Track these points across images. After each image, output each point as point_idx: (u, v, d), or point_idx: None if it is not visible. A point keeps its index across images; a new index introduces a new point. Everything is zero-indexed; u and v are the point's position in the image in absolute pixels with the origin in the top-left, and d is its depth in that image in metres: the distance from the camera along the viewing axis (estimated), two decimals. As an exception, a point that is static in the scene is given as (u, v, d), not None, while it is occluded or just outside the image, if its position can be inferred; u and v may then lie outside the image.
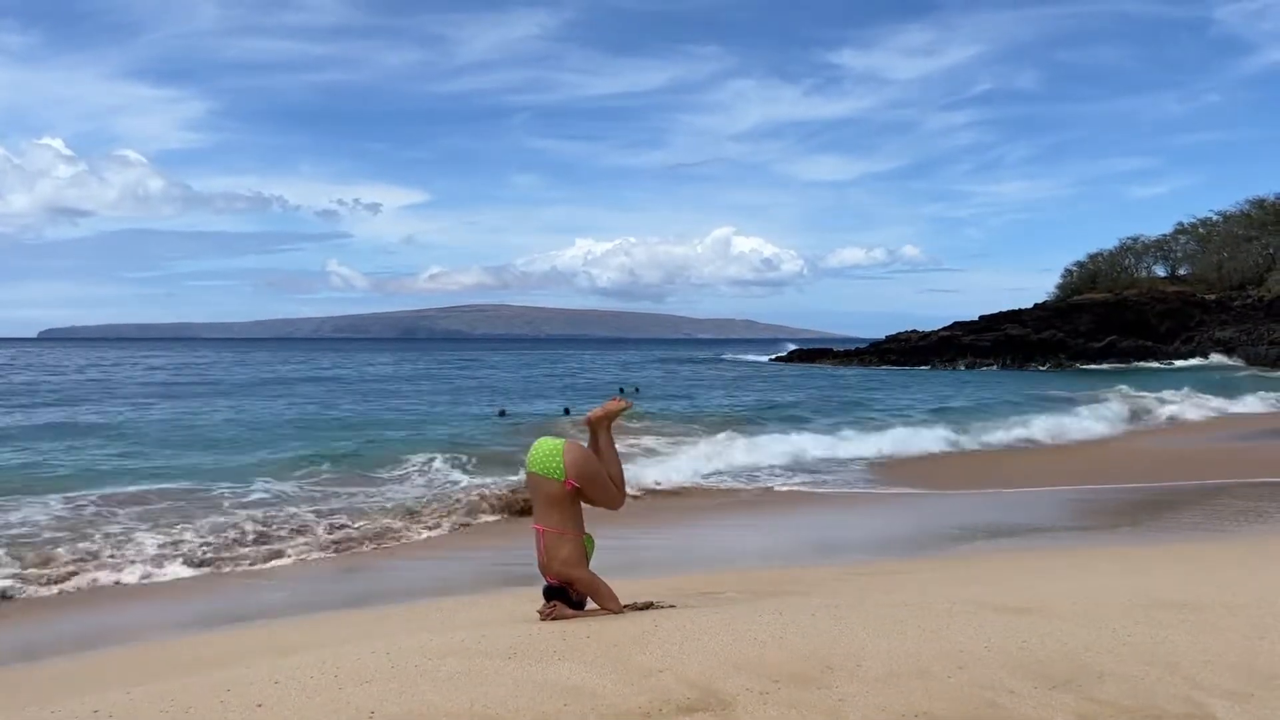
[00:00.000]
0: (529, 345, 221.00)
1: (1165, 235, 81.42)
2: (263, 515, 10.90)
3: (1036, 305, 74.72)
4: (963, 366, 66.42)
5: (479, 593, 7.54)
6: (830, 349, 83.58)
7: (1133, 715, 3.33)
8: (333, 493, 12.87)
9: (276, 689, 3.64)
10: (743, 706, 3.34)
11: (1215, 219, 78.26)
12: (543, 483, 5.08)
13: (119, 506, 11.31)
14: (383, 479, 14.25)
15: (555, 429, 17.52)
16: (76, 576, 8.65)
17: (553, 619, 4.93)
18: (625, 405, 5.43)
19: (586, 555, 5.12)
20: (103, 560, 9.07)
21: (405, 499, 12.49)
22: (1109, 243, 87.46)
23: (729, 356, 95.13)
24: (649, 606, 5.18)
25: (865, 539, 10.70)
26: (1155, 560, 7.56)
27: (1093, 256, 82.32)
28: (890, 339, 75.91)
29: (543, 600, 5.09)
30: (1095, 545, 9.19)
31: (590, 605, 5.09)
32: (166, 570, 9.08)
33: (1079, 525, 11.08)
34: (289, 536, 10.32)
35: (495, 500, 12.24)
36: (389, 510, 11.68)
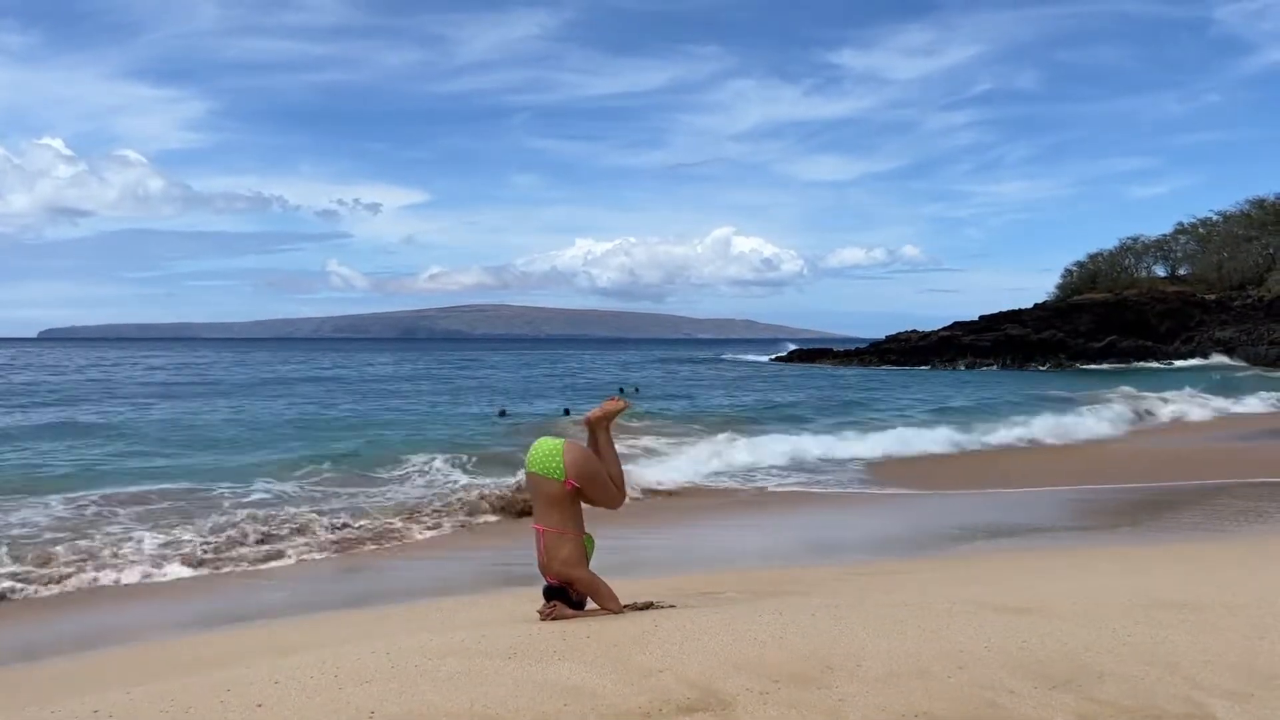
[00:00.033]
0: (529, 345, 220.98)
1: (1165, 235, 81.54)
2: (263, 515, 10.89)
3: (1036, 305, 74.76)
4: (963, 366, 66.45)
5: (479, 593, 7.54)
6: (830, 349, 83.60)
7: (1133, 715, 3.33)
8: (333, 493, 12.88)
9: (276, 689, 3.64)
10: (743, 706, 3.34)
11: (1215, 219, 78.35)
12: (543, 483, 5.08)
13: (119, 506, 11.31)
14: (383, 479, 14.25)
15: (555, 429, 17.52)
16: (76, 576, 8.65)
17: (553, 619, 4.94)
18: (623, 405, 5.45)
19: (586, 555, 5.13)
20: (103, 560, 9.07)
21: (405, 499, 12.50)
22: (1109, 243, 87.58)
23: (729, 356, 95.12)
24: (649, 606, 5.18)
25: (865, 539, 10.70)
26: (1155, 560, 7.56)
27: (1093, 256, 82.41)
28: (890, 339, 75.94)
29: (543, 600, 5.10)
30: (1095, 545, 9.19)
31: (590, 605, 5.09)
32: (166, 570, 9.08)
33: (1079, 525, 11.08)
34: (289, 536, 10.33)
35: (495, 500, 12.24)
36: (389, 510, 11.69)
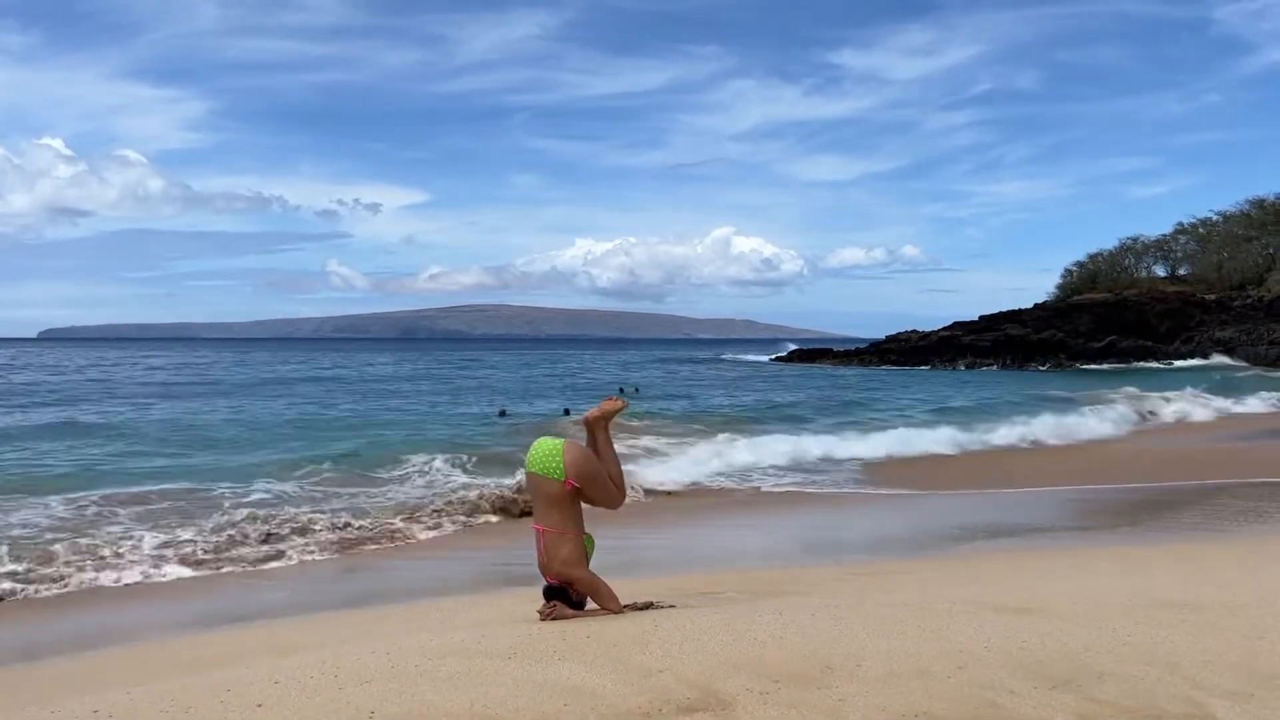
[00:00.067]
0: (529, 345, 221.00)
1: (1165, 235, 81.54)
2: (263, 515, 10.90)
3: (1036, 305, 74.77)
4: (963, 366, 66.47)
5: (479, 593, 7.54)
6: (830, 349, 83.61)
7: (1133, 715, 3.33)
8: (333, 493, 12.88)
9: (276, 689, 3.64)
10: (743, 706, 3.35)
11: (1215, 219, 78.35)
12: (542, 483, 5.08)
13: (119, 506, 11.31)
14: (383, 479, 14.25)
15: (555, 429, 17.53)
16: (76, 576, 8.65)
17: (553, 619, 4.94)
18: (622, 405, 5.45)
19: (587, 555, 5.13)
20: (103, 560, 9.07)
21: (405, 499, 12.50)
22: (1109, 243, 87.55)
23: (729, 356, 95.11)
24: (649, 606, 5.19)
25: (865, 539, 10.70)
26: (1155, 560, 7.57)
27: (1093, 256, 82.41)
28: (890, 339, 75.95)
29: (543, 600, 5.10)
30: (1095, 545, 9.19)
31: (590, 605, 5.10)
32: (166, 570, 9.08)
33: (1079, 525, 11.08)
34: (289, 536, 10.32)
35: (495, 500, 12.25)
36: (389, 510, 11.69)
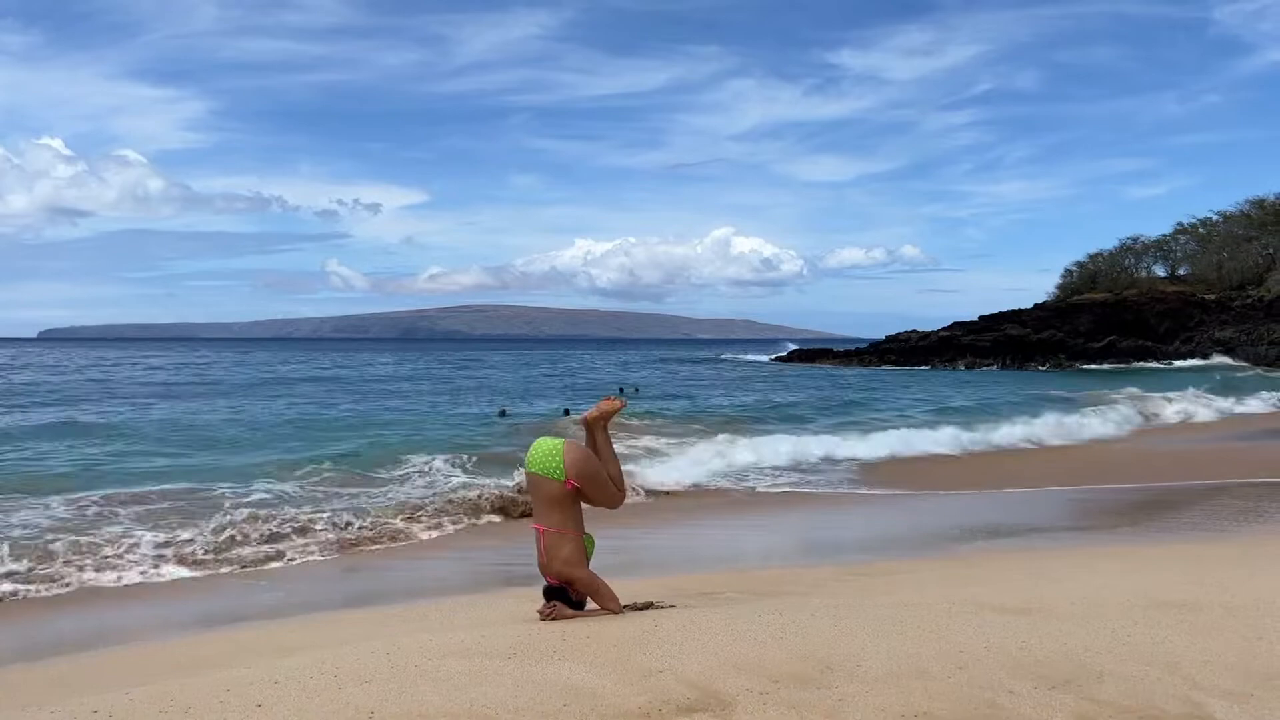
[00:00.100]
0: (529, 345, 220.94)
1: (1165, 235, 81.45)
2: (263, 515, 10.89)
3: (1036, 305, 74.73)
4: (962, 367, 66.46)
5: (479, 593, 7.54)
6: (830, 349, 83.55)
7: (1132, 715, 3.33)
8: (333, 493, 12.87)
9: (276, 689, 3.64)
10: (743, 706, 3.35)
11: (1215, 219, 78.25)
12: (543, 483, 5.09)
13: (119, 506, 11.31)
14: (383, 479, 14.24)
15: (555, 429, 17.54)
16: (76, 577, 8.65)
17: (553, 619, 4.94)
18: (620, 404, 5.46)
19: (587, 555, 5.13)
20: (103, 560, 9.07)
21: (406, 499, 12.48)
22: (1109, 243, 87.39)
23: (729, 356, 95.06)
24: (649, 606, 5.19)
25: (865, 539, 10.70)
26: (1155, 560, 7.56)
27: (1092, 257, 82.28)
28: (890, 339, 75.91)
29: (543, 600, 5.11)
30: (1095, 545, 9.19)
31: (590, 605, 5.10)
32: (166, 570, 9.08)
33: (1079, 525, 11.08)
34: (289, 537, 10.32)
35: (495, 500, 12.25)
36: (389, 510, 11.69)
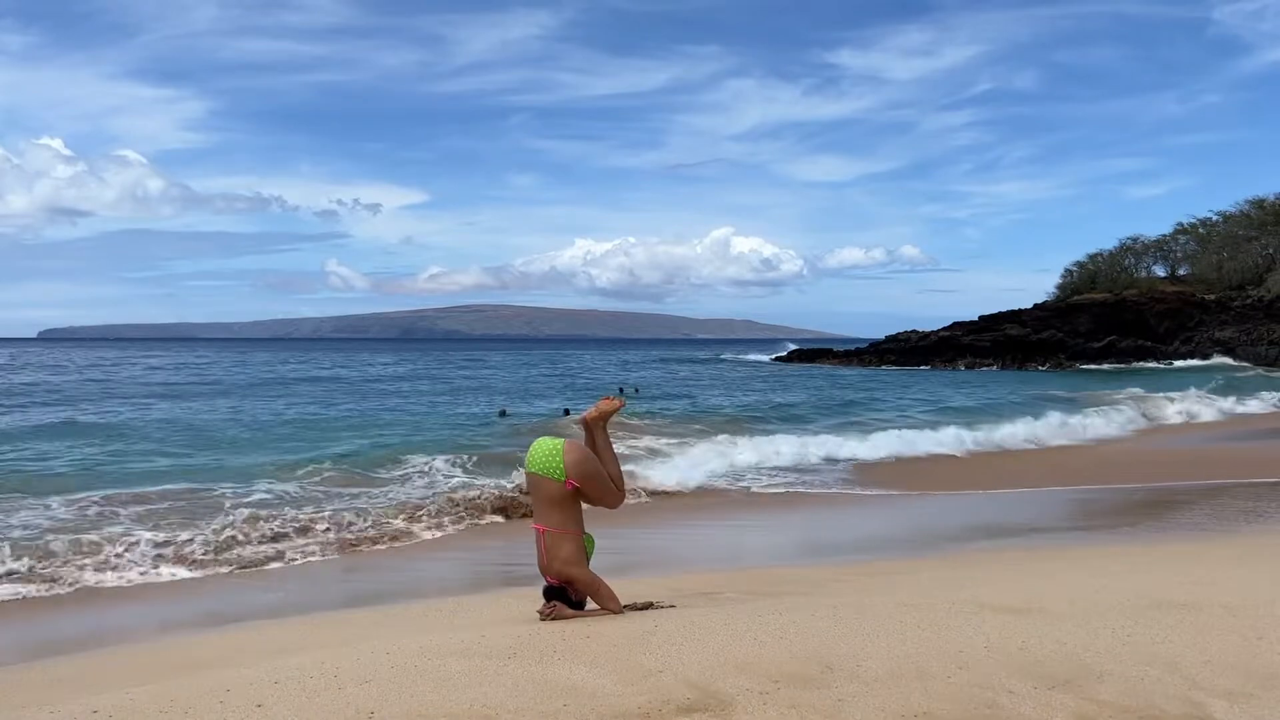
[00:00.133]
0: (529, 345, 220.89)
1: (1165, 235, 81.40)
2: (264, 515, 10.90)
3: (1036, 305, 74.69)
4: (962, 367, 66.46)
5: (479, 593, 7.54)
6: (830, 349, 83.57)
7: (1132, 715, 3.33)
8: (334, 493, 12.87)
9: (276, 689, 3.64)
10: (743, 706, 3.35)
11: (1215, 219, 78.16)
12: (543, 483, 5.09)
13: (119, 507, 11.31)
14: (383, 479, 14.24)
15: (555, 429, 17.53)
16: (76, 577, 8.66)
17: (553, 619, 4.94)
18: (619, 404, 5.46)
19: (587, 555, 5.14)
20: (103, 561, 9.07)
21: (406, 499, 12.49)
22: (1108, 243, 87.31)
23: (729, 356, 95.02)
24: (649, 606, 5.19)
25: (865, 539, 10.70)
26: (1155, 560, 7.56)
27: (1092, 257, 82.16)
28: (890, 339, 75.92)
29: (543, 600, 5.11)
30: (1095, 545, 9.19)
31: (590, 605, 5.10)
32: (167, 571, 9.08)
33: (1079, 525, 11.08)
34: (290, 537, 10.33)
35: (495, 500, 12.26)
36: (390, 510, 11.69)
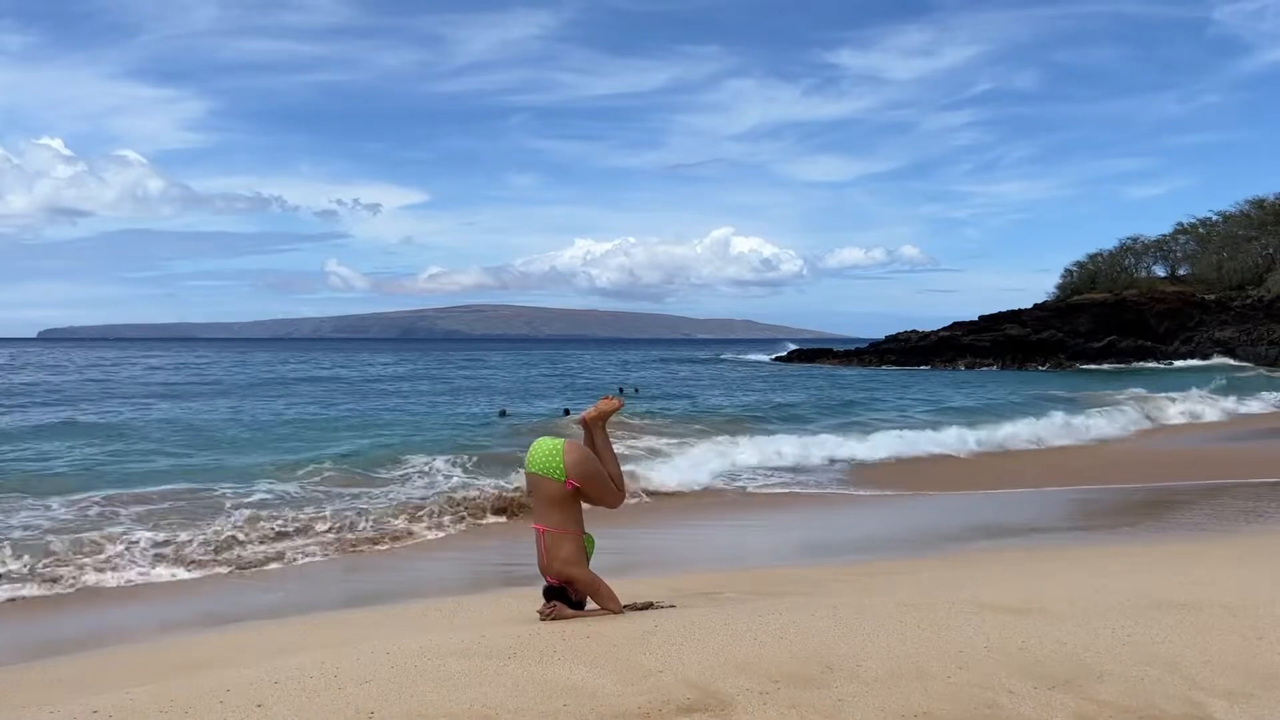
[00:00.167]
0: (529, 345, 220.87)
1: (1165, 235, 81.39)
2: (264, 515, 10.89)
3: (1036, 305, 74.71)
4: (962, 367, 66.47)
5: (479, 593, 7.54)
6: (830, 349, 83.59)
7: (1132, 715, 3.33)
8: (334, 493, 12.87)
9: (276, 689, 3.64)
10: (743, 706, 3.35)
11: (1215, 219, 78.15)
12: (543, 483, 5.09)
13: (119, 507, 11.30)
14: (383, 479, 14.24)
15: (555, 429, 17.53)
16: (76, 576, 8.66)
17: (553, 619, 4.94)
18: (618, 404, 5.46)
19: (587, 555, 5.14)
20: (103, 561, 9.07)
21: (406, 499, 12.48)
22: (1108, 243, 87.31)
23: (729, 356, 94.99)
24: (649, 606, 5.19)
25: (865, 539, 10.69)
26: (1155, 560, 7.56)
27: (1092, 257, 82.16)
28: (890, 339, 75.93)
29: (543, 600, 5.11)
30: (1095, 545, 9.19)
31: (590, 605, 5.10)
32: (167, 571, 9.07)
33: (1079, 525, 11.08)
34: (290, 537, 10.32)
35: (496, 500, 12.26)
36: (390, 510, 11.68)
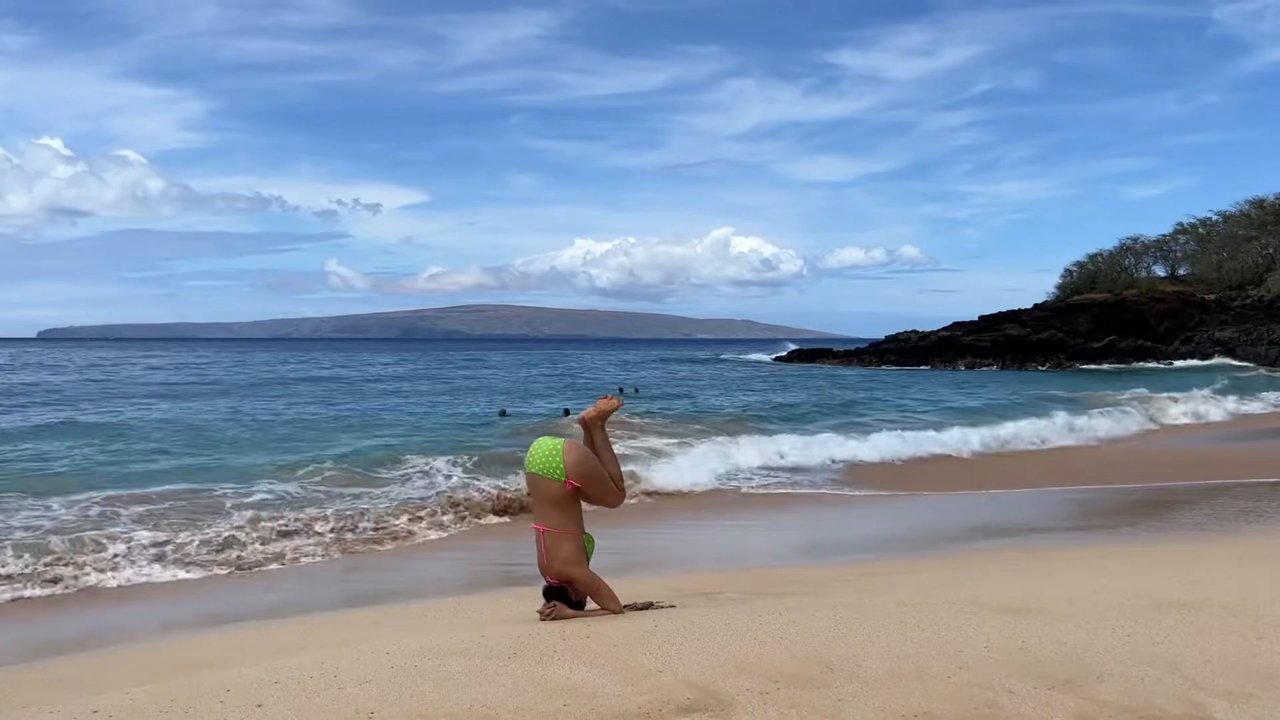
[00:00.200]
0: (529, 345, 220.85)
1: (1165, 235, 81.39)
2: (264, 516, 10.90)
3: (1036, 305, 74.71)
4: (962, 367, 66.47)
5: (479, 593, 7.54)
6: (830, 349, 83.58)
7: (1132, 715, 3.33)
8: (334, 493, 12.87)
9: (276, 689, 3.64)
10: (743, 706, 3.35)
11: (1215, 219, 78.17)
12: (543, 483, 5.09)
13: (119, 507, 11.30)
14: (384, 479, 14.24)
15: (555, 429, 17.54)
16: (76, 577, 8.66)
17: (553, 619, 4.94)
18: (618, 403, 5.46)
19: (587, 555, 5.14)
20: (103, 561, 9.07)
21: (406, 499, 12.49)
22: (1108, 243, 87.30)
23: (729, 356, 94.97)
24: (649, 606, 5.19)
25: (864, 539, 10.69)
26: (1155, 560, 7.56)
27: (1092, 257, 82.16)
28: (890, 339, 75.93)
29: (543, 600, 5.11)
30: (1095, 545, 9.19)
31: (590, 605, 5.10)
32: (167, 571, 9.08)
33: (1079, 525, 11.08)
34: (290, 537, 10.33)
35: (496, 500, 12.27)
36: (390, 510, 11.69)
